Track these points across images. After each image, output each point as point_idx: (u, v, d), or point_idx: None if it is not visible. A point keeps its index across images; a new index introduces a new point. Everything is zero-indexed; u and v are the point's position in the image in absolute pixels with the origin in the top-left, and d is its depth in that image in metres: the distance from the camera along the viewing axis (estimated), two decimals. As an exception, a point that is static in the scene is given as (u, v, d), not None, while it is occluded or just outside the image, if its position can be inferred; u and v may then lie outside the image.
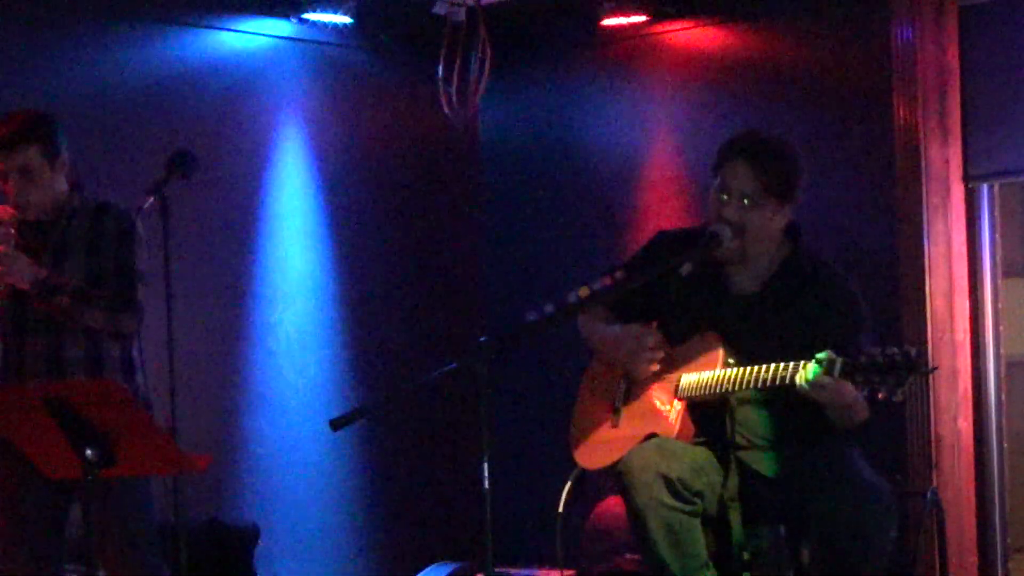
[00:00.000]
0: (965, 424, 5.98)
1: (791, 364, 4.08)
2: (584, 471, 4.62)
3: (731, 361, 4.25)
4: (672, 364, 4.40)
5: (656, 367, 4.40)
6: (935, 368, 5.72)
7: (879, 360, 3.92)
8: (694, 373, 4.32)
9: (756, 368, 4.15)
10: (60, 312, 4.49)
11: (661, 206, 6.63)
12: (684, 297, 4.37)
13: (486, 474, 3.68)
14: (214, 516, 5.88)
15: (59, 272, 4.54)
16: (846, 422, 4.19)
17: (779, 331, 4.25)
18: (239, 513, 6.14)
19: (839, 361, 3.97)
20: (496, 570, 3.72)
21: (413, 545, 6.73)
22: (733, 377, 4.21)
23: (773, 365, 4.11)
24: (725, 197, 4.29)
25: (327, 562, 6.61)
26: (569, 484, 4.69)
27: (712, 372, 4.27)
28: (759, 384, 4.15)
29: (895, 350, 3.92)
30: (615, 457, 4.33)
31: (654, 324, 4.47)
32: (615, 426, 4.51)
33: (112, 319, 4.54)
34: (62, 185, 4.66)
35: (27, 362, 4.57)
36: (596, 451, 4.51)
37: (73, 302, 4.48)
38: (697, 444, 4.32)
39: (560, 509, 4.69)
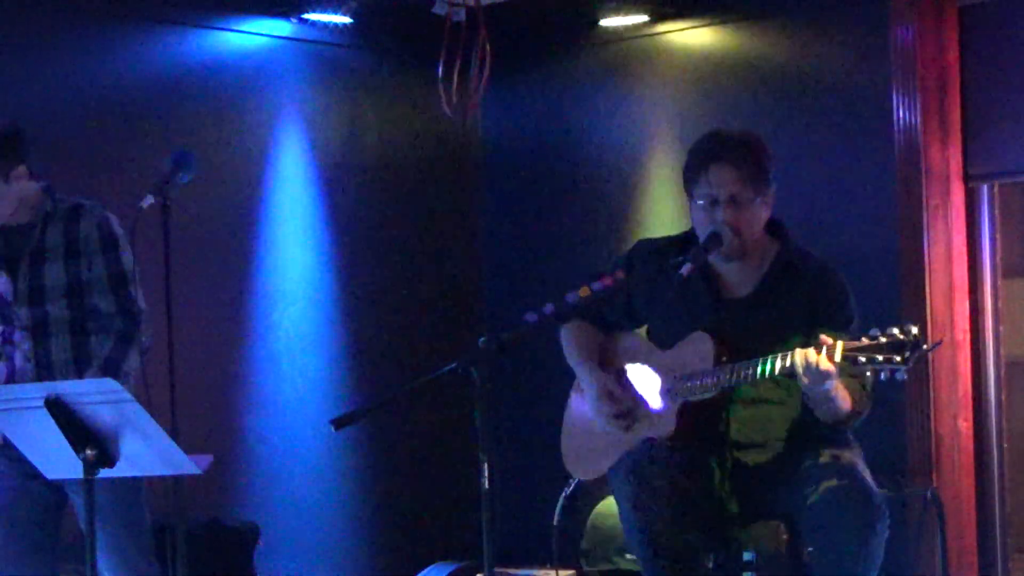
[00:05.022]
0: (965, 424, 5.98)
1: (788, 353, 4.06)
2: (580, 483, 4.60)
3: (724, 359, 4.25)
4: (664, 367, 4.38)
5: (611, 428, 4.39)
6: (939, 343, 5.71)
7: (881, 341, 3.93)
8: (687, 373, 4.31)
9: (751, 362, 4.14)
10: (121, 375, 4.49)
11: (661, 206, 6.63)
12: (679, 300, 4.35)
13: (486, 474, 3.68)
14: (214, 516, 5.88)
15: (40, 279, 4.51)
16: (830, 415, 4.18)
17: (775, 331, 4.24)
18: (239, 513, 6.15)
19: (840, 343, 3.98)
20: (496, 570, 3.72)
21: (413, 545, 6.73)
22: (728, 374, 4.20)
23: (769, 356, 4.10)
24: (713, 205, 4.27)
25: (327, 562, 6.61)
26: (564, 497, 4.67)
27: (706, 370, 4.26)
28: (755, 377, 4.14)
29: (895, 330, 3.93)
30: (610, 463, 4.34)
31: (625, 371, 4.47)
32: (608, 433, 4.47)
33: (139, 345, 4.51)
34: (26, 192, 4.53)
35: (16, 365, 4.56)
36: (590, 460, 4.49)
37: (116, 366, 4.48)
38: (695, 445, 4.31)
39: (555, 522, 4.67)
